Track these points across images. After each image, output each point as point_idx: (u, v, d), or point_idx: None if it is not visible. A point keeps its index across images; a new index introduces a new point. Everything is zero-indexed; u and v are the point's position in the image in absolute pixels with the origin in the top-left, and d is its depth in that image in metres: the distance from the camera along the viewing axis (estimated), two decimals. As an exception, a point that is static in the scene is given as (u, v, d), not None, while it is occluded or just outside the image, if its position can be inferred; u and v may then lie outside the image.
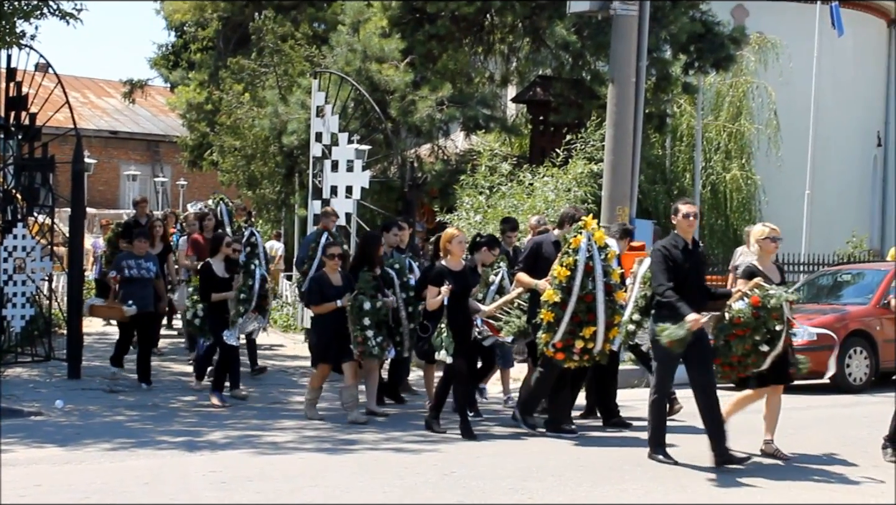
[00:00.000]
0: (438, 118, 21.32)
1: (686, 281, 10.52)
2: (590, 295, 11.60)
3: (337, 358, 13.05)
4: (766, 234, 11.19)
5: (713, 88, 27.90)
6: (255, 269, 14.42)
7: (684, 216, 10.76)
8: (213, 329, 14.45)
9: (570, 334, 11.65)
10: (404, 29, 22.31)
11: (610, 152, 18.20)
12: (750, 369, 10.78)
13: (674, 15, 22.46)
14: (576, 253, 11.67)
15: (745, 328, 10.58)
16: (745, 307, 10.59)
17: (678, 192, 26.09)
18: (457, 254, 12.45)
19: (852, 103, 31.65)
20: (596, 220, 12.10)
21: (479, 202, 19.75)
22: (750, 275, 10.90)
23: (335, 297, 12.90)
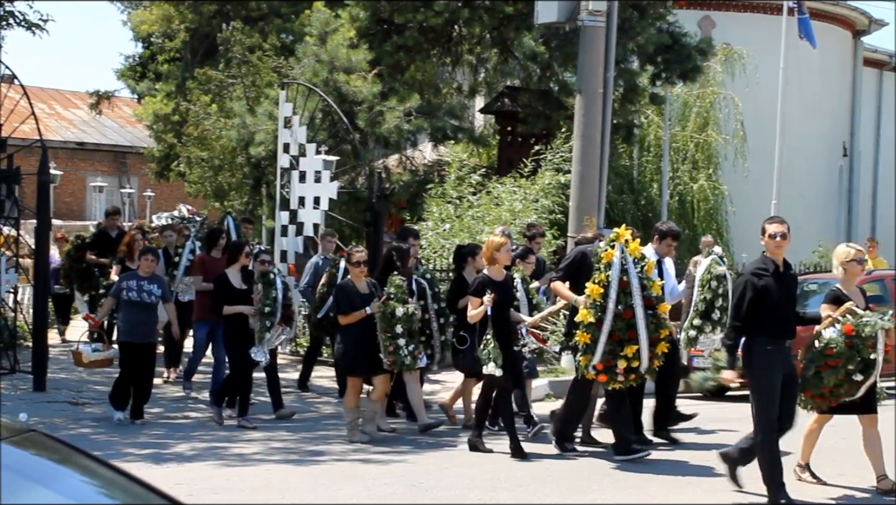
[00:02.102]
0: (406, 129, 21.32)
1: (776, 307, 9.70)
2: (628, 311, 10.95)
3: (368, 370, 12.51)
4: (852, 255, 10.43)
5: (680, 99, 27.98)
6: (276, 277, 13.55)
7: (770, 237, 9.86)
8: (227, 345, 13.70)
9: (611, 354, 10.99)
10: (372, 40, 22.32)
11: (577, 163, 18.24)
12: (842, 398, 10.04)
13: (641, 26, 22.54)
14: (608, 269, 11.03)
15: (838, 358, 9.82)
16: (837, 336, 9.84)
17: (645, 203, 26.17)
18: (503, 262, 11.97)
19: (818, 114, 31.81)
20: (629, 231, 11.38)
21: (448, 212, 19.75)
22: (835, 299, 10.21)
23: (362, 305, 12.41)
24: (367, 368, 12.48)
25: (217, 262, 14.98)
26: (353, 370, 12.60)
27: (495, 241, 11.99)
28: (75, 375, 16.24)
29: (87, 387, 15.24)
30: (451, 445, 12.25)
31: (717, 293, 12.60)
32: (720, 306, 12.56)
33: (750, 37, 28.88)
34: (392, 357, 12.32)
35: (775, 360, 9.67)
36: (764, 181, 25.93)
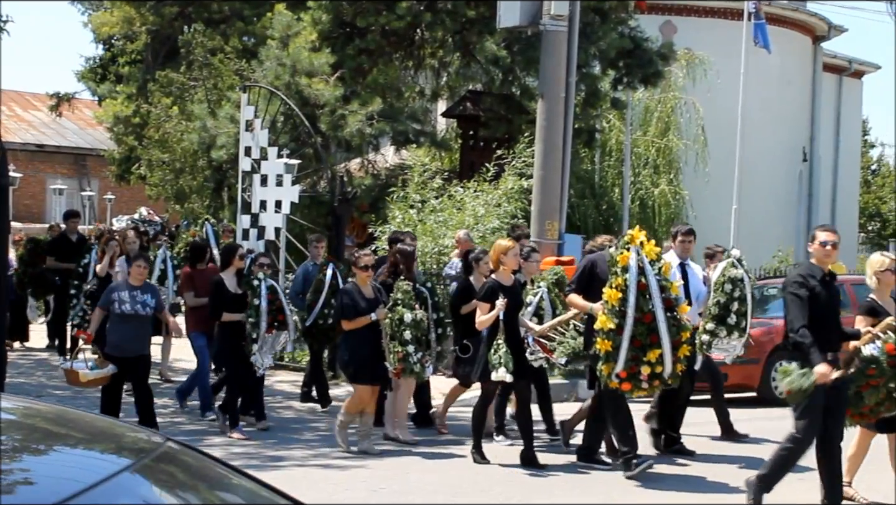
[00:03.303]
0: (368, 133, 21.27)
1: (823, 317, 9.30)
2: (649, 315, 10.53)
3: (372, 378, 12.14)
4: (886, 265, 10.04)
5: (642, 104, 28.08)
6: (260, 284, 13.15)
7: (822, 244, 9.45)
8: (223, 354, 13.36)
9: (634, 361, 10.54)
10: (334, 43, 22.27)
11: (539, 167, 18.27)
12: (882, 415, 9.68)
13: (603, 31, 22.59)
14: (625, 272, 10.59)
15: (880, 377, 9.39)
16: (879, 354, 9.37)
17: (607, 207, 26.25)
18: (511, 267, 11.69)
19: (779, 119, 32.00)
20: (643, 233, 11.00)
21: (410, 217, 19.72)
22: (870, 311, 9.87)
23: (368, 310, 12.07)
24: (371, 377, 12.14)
25: (204, 273, 14.50)
26: (357, 378, 12.22)
27: (503, 245, 11.78)
28: (34, 379, 16.12)
29: (46, 391, 15.10)
30: (409, 452, 12.19)
31: (733, 297, 12.32)
32: (737, 311, 12.30)
33: (711, 42, 29.01)
34: (401, 365, 12.03)
35: None
36: (724, 186, 26.08)
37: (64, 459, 3.68)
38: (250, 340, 12.96)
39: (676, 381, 10.92)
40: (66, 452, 3.79)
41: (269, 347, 13.22)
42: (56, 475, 3.46)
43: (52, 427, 4.07)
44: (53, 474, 3.47)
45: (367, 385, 12.15)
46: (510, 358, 11.17)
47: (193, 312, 14.46)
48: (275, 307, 13.21)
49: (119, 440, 4.06)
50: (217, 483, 3.98)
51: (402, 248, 13.56)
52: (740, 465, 11.70)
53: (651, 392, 11.05)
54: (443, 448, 12.44)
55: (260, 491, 4.01)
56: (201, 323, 14.09)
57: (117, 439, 4.07)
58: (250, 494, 3.98)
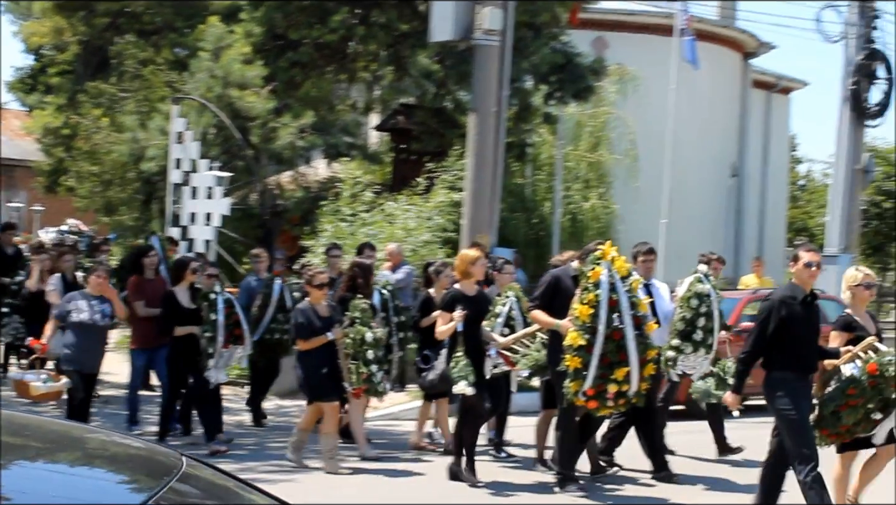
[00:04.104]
0: (300, 145, 21.26)
1: (803, 338, 9.32)
2: (618, 332, 10.35)
3: (331, 396, 11.95)
4: (860, 280, 9.93)
5: (574, 119, 28.22)
6: (218, 298, 12.97)
7: (806, 265, 9.39)
8: (173, 369, 13.16)
9: (602, 379, 10.36)
10: (266, 55, 22.21)
11: (471, 181, 18.32)
12: (857, 435, 9.62)
13: (535, 46, 22.70)
14: (596, 287, 10.39)
15: (860, 398, 9.33)
16: (859, 375, 9.29)
17: (538, 221, 26.32)
18: (476, 277, 11.53)
19: (708, 134, 32.29)
20: (615, 248, 10.82)
21: (341, 229, 19.70)
22: (846, 326, 9.77)
23: (324, 329, 11.89)
24: (329, 395, 11.97)
25: (153, 283, 14.25)
26: (317, 397, 12.04)
27: (470, 255, 11.63)
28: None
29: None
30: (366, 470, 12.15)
31: (699, 312, 12.11)
32: (703, 327, 12.08)
33: (642, 57, 29.22)
34: (365, 385, 11.94)
35: (802, 394, 9.32)
36: (654, 200, 26.25)
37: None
38: (205, 355, 12.78)
39: (641, 400, 10.78)
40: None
41: (225, 361, 13.07)
42: None
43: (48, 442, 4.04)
44: None
45: (324, 403, 12.01)
46: (471, 370, 11.04)
47: (140, 326, 14.14)
48: (232, 322, 13.04)
49: (136, 460, 4.04)
50: (235, 499, 4.00)
51: (359, 260, 13.49)
52: (705, 486, 11.79)
53: (615, 410, 10.89)
54: (404, 464, 12.43)
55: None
56: (146, 340, 13.89)
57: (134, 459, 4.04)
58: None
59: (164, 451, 4.29)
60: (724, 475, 12.31)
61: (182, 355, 12.95)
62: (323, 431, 12.10)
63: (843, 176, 25.87)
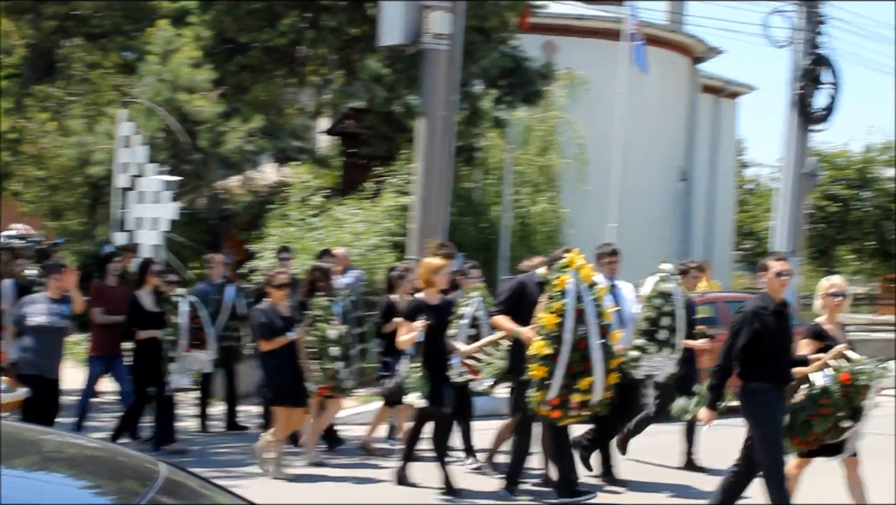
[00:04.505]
0: (249, 149, 21.18)
1: (776, 349, 9.25)
2: (583, 341, 10.26)
3: (294, 399, 11.87)
4: (829, 289, 9.90)
5: (523, 123, 28.29)
6: (181, 300, 13.01)
7: (777, 274, 9.37)
8: (137, 374, 13.09)
9: (566, 388, 10.29)
10: (215, 59, 22.11)
11: (420, 185, 18.34)
12: (824, 442, 9.59)
13: (485, 50, 22.76)
14: (563, 296, 10.30)
15: (832, 407, 9.32)
16: (832, 384, 9.30)
17: (487, 225, 26.36)
18: (440, 286, 11.37)
19: (657, 138, 32.47)
20: (582, 256, 10.73)
21: (290, 234, 19.67)
22: (816, 335, 9.76)
23: (285, 329, 11.83)
24: (294, 399, 11.90)
25: (115, 290, 14.08)
26: (279, 400, 11.94)
27: (434, 263, 11.43)
28: None
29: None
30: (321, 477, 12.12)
31: (663, 311, 11.98)
32: (668, 326, 11.97)
33: (592, 62, 29.36)
34: (332, 383, 11.88)
35: (777, 406, 9.25)
36: (603, 204, 26.37)
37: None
38: (167, 358, 12.72)
39: (605, 409, 10.71)
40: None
41: (187, 366, 12.98)
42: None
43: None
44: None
45: (288, 407, 11.91)
46: (425, 383, 10.91)
47: (98, 333, 13.98)
48: (195, 325, 12.99)
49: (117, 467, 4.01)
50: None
51: (319, 265, 13.43)
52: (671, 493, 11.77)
53: (578, 420, 10.81)
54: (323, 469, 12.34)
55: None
56: (105, 347, 13.74)
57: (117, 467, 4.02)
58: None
59: (144, 457, 4.28)
60: (688, 482, 12.31)
61: (145, 359, 12.89)
62: (273, 435, 12.02)
63: (789, 180, 26.09)
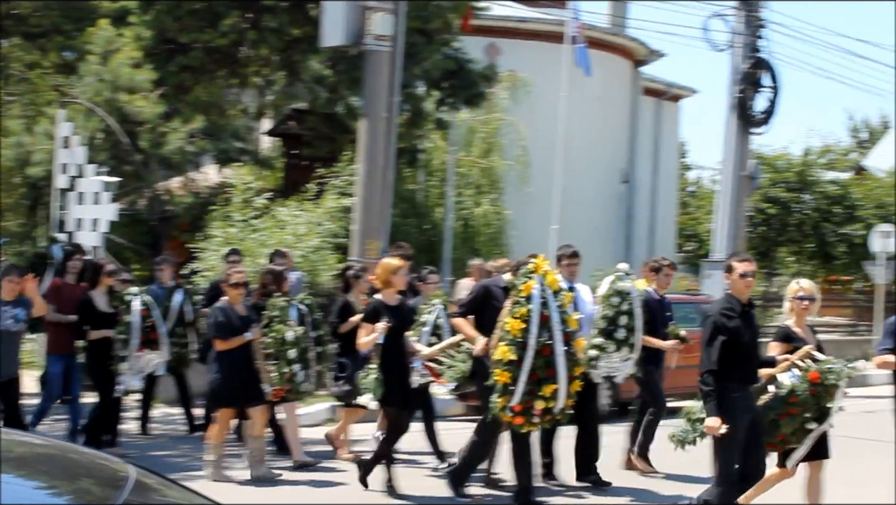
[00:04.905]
0: (190, 150, 21.07)
1: (744, 350, 9.15)
2: (547, 348, 10.19)
3: (246, 400, 11.71)
4: (797, 292, 9.87)
5: (466, 124, 28.34)
6: (134, 299, 12.83)
7: (741, 275, 9.30)
8: (92, 374, 12.96)
9: (529, 395, 10.19)
10: (156, 59, 21.96)
11: (362, 186, 18.33)
12: (790, 445, 9.57)
13: (427, 52, 22.77)
14: (528, 301, 10.23)
15: (800, 406, 9.29)
16: (801, 383, 9.28)
17: (430, 227, 26.39)
18: (398, 287, 11.22)
19: (599, 141, 32.63)
20: (547, 262, 10.67)
21: (232, 235, 19.58)
22: (785, 338, 9.74)
23: (243, 329, 11.66)
24: (246, 399, 11.75)
25: (73, 288, 13.91)
26: (230, 401, 11.78)
27: (393, 264, 11.27)
28: None
29: None
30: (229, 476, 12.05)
31: (621, 310, 11.94)
32: (626, 325, 11.93)
33: (534, 64, 29.45)
34: (288, 385, 11.78)
35: (742, 407, 9.11)
36: (545, 206, 26.46)
37: None
38: (117, 358, 12.59)
39: (566, 416, 10.62)
40: None
41: (139, 367, 12.83)
42: None
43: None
44: None
45: (234, 410, 11.82)
46: (379, 385, 10.76)
47: (55, 331, 13.79)
48: (148, 325, 12.86)
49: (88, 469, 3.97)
50: None
51: (271, 267, 13.33)
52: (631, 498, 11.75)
53: (541, 427, 10.71)
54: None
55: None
56: (61, 346, 13.57)
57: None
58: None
59: (113, 459, 4.25)
60: (647, 486, 12.30)
61: (98, 360, 12.79)
62: (209, 437, 11.94)
63: (729, 182, 26.27)
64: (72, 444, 5.10)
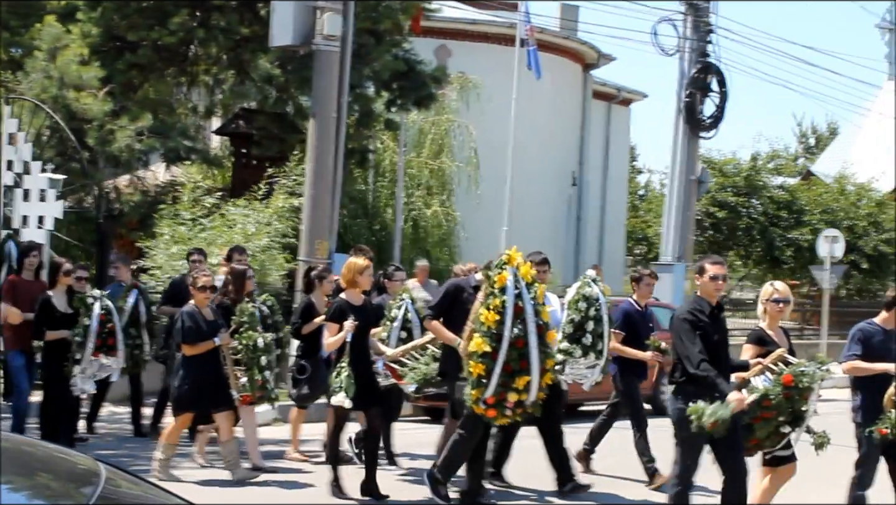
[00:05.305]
0: (138, 148, 20.92)
1: (714, 351, 8.99)
2: (521, 340, 10.10)
3: (213, 405, 11.55)
4: (772, 295, 9.85)
5: (416, 126, 28.34)
6: (95, 303, 12.65)
7: (712, 278, 9.16)
8: (46, 373, 12.75)
9: (503, 387, 10.09)
10: (104, 57, 21.81)
11: (310, 186, 18.29)
12: (763, 449, 9.56)
13: (377, 52, 22.73)
14: (503, 293, 10.14)
15: (774, 410, 9.19)
16: (774, 387, 9.17)
17: (380, 227, 26.38)
18: (363, 287, 11.13)
19: (549, 144, 32.72)
20: (520, 254, 10.57)
21: (181, 234, 19.48)
22: (758, 340, 9.73)
23: (210, 334, 11.50)
24: (212, 404, 11.59)
25: (31, 285, 13.63)
26: (194, 405, 11.59)
27: (359, 263, 11.15)
28: None
29: None
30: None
31: (588, 315, 11.84)
32: (592, 331, 11.81)
33: (485, 66, 29.50)
34: (259, 392, 11.65)
35: None
36: (496, 208, 26.54)
37: None
38: (72, 361, 12.43)
39: (538, 409, 10.52)
40: None
41: (93, 371, 12.66)
42: None
43: None
44: None
45: (193, 414, 11.68)
46: (352, 383, 10.61)
47: (11, 326, 13.52)
48: (106, 330, 12.67)
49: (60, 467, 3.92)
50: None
51: (233, 266, 13.13)
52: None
53: (513, 420, 10.57)
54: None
55: None
56: (21, 340, 13.33)
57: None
58: None
59: (82, 456, 4.21)
60: (613, 489, 12.26)
61: (54, 360, 12.64)
62: (164, 436, 11.81)
63: (677, 186, 26.46)
64: (42, 441, 5.04)
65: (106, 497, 3.58)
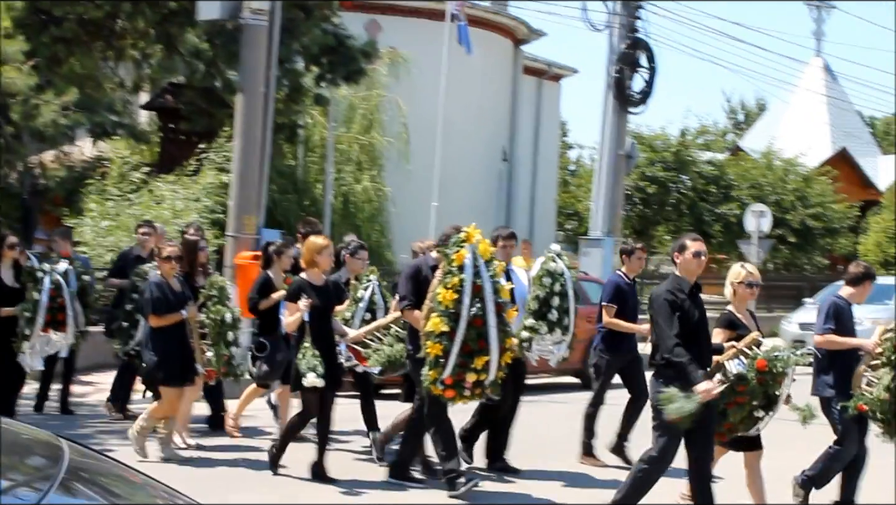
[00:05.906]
0: (64, 123, 20.66)
1: (694, 332, 8.72)
2: (479, 319, 9.89)
3: (183, 379, 11.36)
4: (742, 277, 9.63)
5: (346, 101, 28.25)
6: (44, 277, 12.36)
7: (694, 255, 8.84)
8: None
9: (461, 367, 9.90)
10: (28, 30, 21.52)
11: (238, 161, 18.16)
12: (736, 434, 9.29)
13: (306, 27, 22.62)
14: (461, 271, 9.91)
15: (748, 395, 9.00)
16: (748, 372, 8.95)
17: (309, 203, 26.28)
18: (324, 266, 10.82)
19: (480, 119, 32.75)
20: (479, 231, 10.31)
21: (107, 209, 19.33)
22: (728, 324, 9.52)
23: (178, 305, 11.27)
24: (182, 379, 11.39)
25: None
26: (169, 379, 11.33)
27: (318, 243, 10.83)
28: None
29: None
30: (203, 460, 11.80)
31: (553, 291, 11.56)
32: (558, 306, 11.55)
33: (415, 41, 29.45)
34: (225, 368, 11.55)
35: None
36: (426, 183, 26.50)
37: None
38: (21, 336, 12.23)
39: (497, 389, 10.36)
40: None
41: (42, 347, 12.48)
42: None
43: None
44: None
45: (176, 388, 11.44)
46: (319, 362, 10.34)
47: None
48: (56, 305, 12.47)
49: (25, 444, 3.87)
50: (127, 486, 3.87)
51: (185, 238, 12.98)
52: (564, 483, 11.47)
53: (472, 400, 10.40)
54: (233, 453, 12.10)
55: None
56: None
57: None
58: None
59: (42, 431, 4.15)
60: (583, 470, 12.07)
61: (1, 336, 12.42)
62: (154, 415, 11.56)
63: (606, 161, 26.57)
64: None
65: (74, 471, 3.54)
